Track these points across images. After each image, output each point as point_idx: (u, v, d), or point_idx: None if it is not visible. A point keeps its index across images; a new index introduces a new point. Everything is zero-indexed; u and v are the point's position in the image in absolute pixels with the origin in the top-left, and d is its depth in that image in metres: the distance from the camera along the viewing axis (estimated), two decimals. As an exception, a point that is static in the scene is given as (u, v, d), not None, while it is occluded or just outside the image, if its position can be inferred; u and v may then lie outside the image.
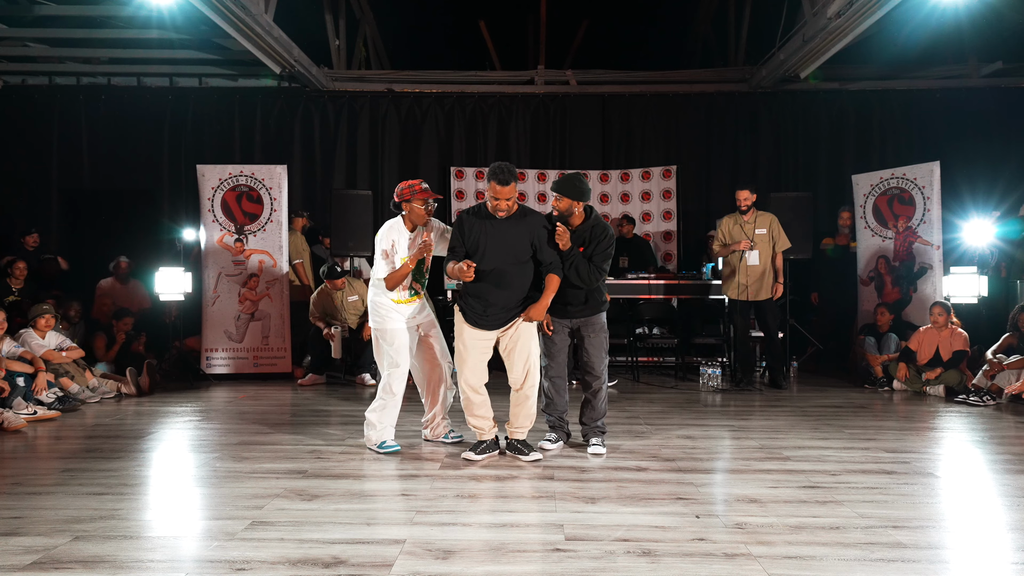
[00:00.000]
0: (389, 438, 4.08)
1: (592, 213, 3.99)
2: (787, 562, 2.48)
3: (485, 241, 3.72)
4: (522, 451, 3.88)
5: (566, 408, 4.21)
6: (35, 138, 8.81)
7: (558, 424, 4.22)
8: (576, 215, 3.91)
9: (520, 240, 3.74)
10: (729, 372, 6.73)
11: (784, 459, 3.89)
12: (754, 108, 8.93)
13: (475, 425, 3.93)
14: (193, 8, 6.35)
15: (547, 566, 2.44)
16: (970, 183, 8.31)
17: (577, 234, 3.92)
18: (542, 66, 9.11)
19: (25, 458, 4.00)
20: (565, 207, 3.87)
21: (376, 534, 2.74)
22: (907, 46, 8.15)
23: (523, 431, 3.96)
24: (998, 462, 3.90)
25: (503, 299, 3.77)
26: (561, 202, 3.87)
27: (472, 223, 3.77)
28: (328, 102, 8.99)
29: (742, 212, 6.39)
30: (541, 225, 3.80)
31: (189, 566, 2.45)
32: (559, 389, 4.16)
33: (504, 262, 3.73)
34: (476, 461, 3.81)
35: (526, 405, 3.90)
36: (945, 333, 6.19)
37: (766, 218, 6.40)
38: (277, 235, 7.18)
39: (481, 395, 3.87)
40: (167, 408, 5.49)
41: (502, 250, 3.72)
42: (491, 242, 3.72)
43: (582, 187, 3.87)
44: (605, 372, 4.10)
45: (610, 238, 3.94)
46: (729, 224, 6.50)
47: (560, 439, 4.21)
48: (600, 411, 4.10)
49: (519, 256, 3.76)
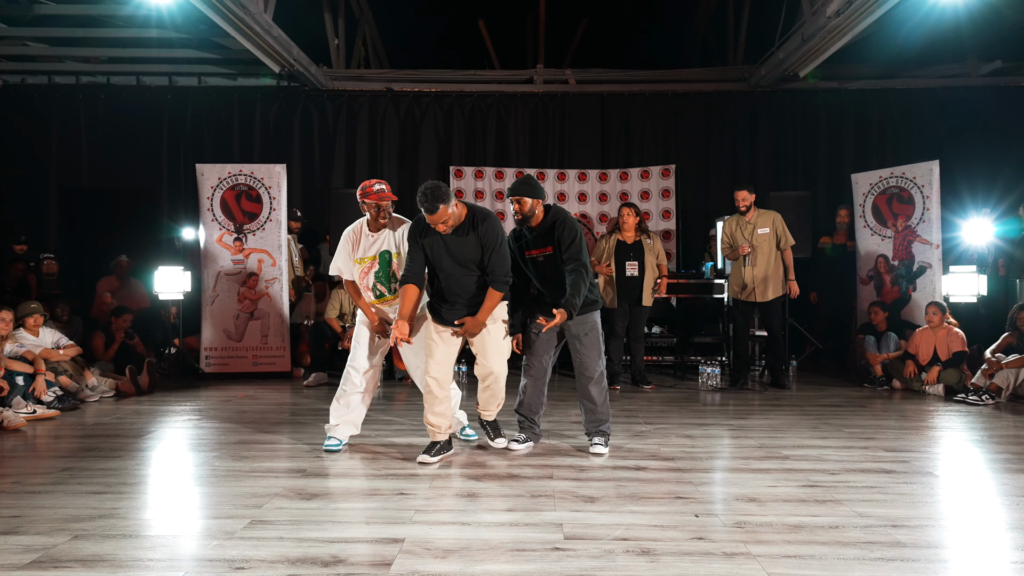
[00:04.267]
0: (338, 436, 4.04)
1: (550, 210, 3.94)
2: (786, 561, 2.48)
3: (439, 255, 3.69)
4: (490, 434, 3.99)
5: (540, 409, 4.15)
6: (34, 137, 8.81)
7: (528, 424, 4.14)
8: (537, 215, 3.89)
9: (470, 251, 3.66)
10: (729, 371, 6.73)
11: (783, 458, 3.89)
12: (753, 107, 8.93)
13: (432, 423, 3.82)
14: (192, 7, 6.34)
15: (546, 565, 2.44)
16: (969, 182, 8.33)
17: (540, 234, 3.89)
18: (541, 65, 9.11)
19: (24, 457, 4.00)
20: (527, 209, 3.86)
21: (375, 533, 2.74)
22: (906, 45, 8.15)
23: (492, 413, 4.03)
24: (997, 461, 3.90)
25: (464, 297, 3.74)
26: (523, 205, 3.85)
27: (421, 241, 3.70)
28: (327, 101, 8.99)
29: (742, 213, 6.38)
30: (492, 232, 3.64)
31: (188, 565, 2.45)
32: (537, 388, 4.08)
33: (459, 270, 3.70)
34: (431, 463, 3.72)
35: (492, 390, 3.93)
36: (941, 333, 6.20)
37: (768, 217, 6.37)
38: (276, 234, 7.18)
39: (443, 391, 3.79)
40: (166, 407, 5.49)
41: (455, 261, 3.68)
42: (443, 256, 3.68)
43: (538, 185, 3.89)
44: (601, 374, 4.00)
45: (573, 230, 3.81)
46: (732, 226, 6.45)
47: (529, 439, 4.12)
48: (602, 414, 4.01)
49: (473, 264, 3.69)
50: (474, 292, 3.72)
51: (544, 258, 3.91)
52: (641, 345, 6.53)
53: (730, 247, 6.46)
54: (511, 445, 4.06)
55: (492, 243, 3.62)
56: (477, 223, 3.62)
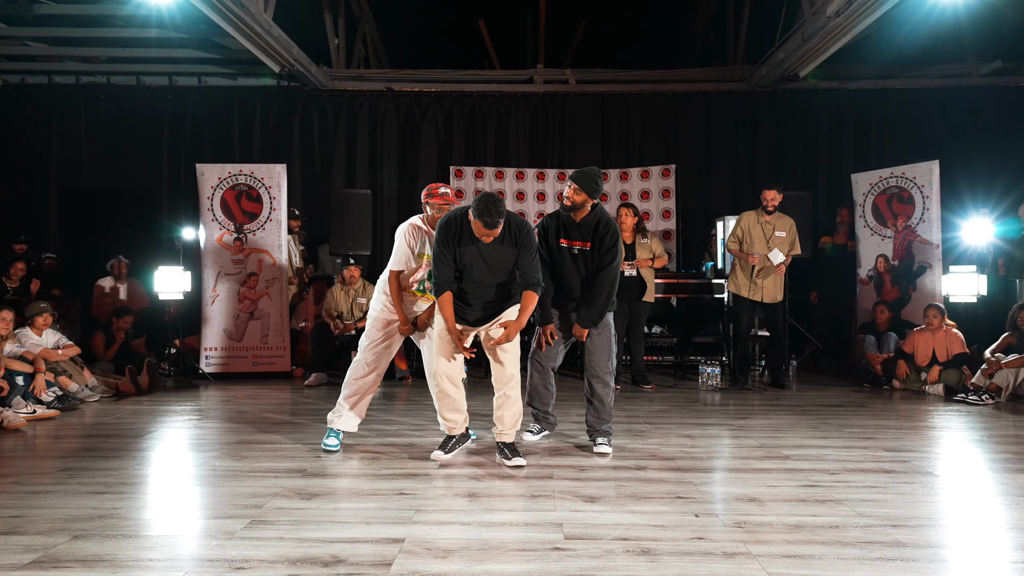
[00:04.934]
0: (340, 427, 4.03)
1: (596, 208, 3.97)
2: (786, 561, 2.48)
3: (472, 262, 3.66)
4: (507, 455, 3.74)
5: (552, 400, 4.23)
6: (34, 137, 8.80)
7: (542, 415, 4.24)
8: (585, 209, 3.92)
9: (506, 260, 3.69)
10: (729, 371, 6.73)
11: (783, 458, 3.89)
12: (753, 107, 8.93)
13: (447, 419, 3.85)
14: (192, 7, 6.34)
15: (546, 565, 2.44)
16: (969, 182, 8.32)
17: (582, 227, 3.93)
18: (541, 65, 9.11)
19: (24, 457, 3.99)
20: (580, 201, 3.87)
21: (375, 533, 2.74)
22: (906, 45, 8.15)
23: (510, 434, 3.82)
24: (997, 461, 3.90)
25: (483, 299, 3.75)
26: (579, 195, 3.86)
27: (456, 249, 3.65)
28: (327, 101, 8.98)
29: (767, 212, 6.31)
30: (530, 239, 3.69)
31: (188, 565, 2.45)
32: (545, 380, 4.15)
33: (489, 278, 3.71)
34: (447, 459, 3.76)
35: (510, 405, 3.79)
36: (940, 335, 6.20)
37: (786, 221, 6.33)
38: (276, 234, 7.17)
39: (457, 388, 3.81)
40: (166, 407, 5.49)
41: (489, 269, 3.69)
42: (477, 263, 3.66)
43: (598, 186, 3.89)
44: (608, 374, 4.03)
45: (617, 234, 3.93)
46: (750, 222, 6.31)
47: (544, 429, 4.23)
48: (607, 413, 4.05)
49: (505, 272, 3.73)
50: (494, 296, 3.76)
51: (579, 251, 3.96)
52: (641, 345, 6.52)
53: (738, 241, 6.33)
54: (524, 435, 4.14)
55: (530, 250, 3.67)
56: (515, 233, 3.65)
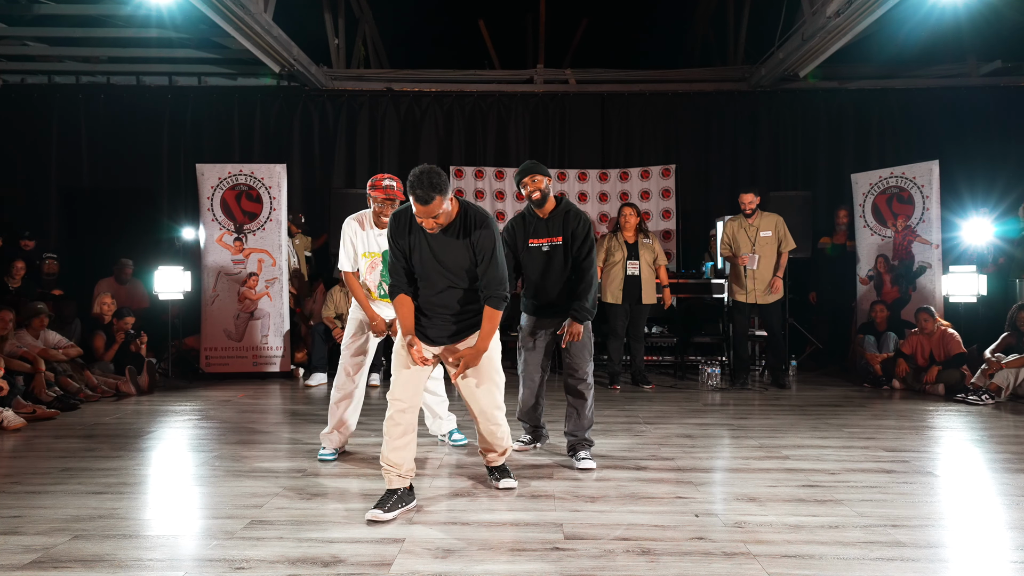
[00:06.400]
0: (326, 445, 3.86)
1: (562, 200, 3.76)
2: (786, 561, 2.48)
3: (421, 259, 3.06)
4: (497, 476, 3.38)
5: (542, 411, 4.04)
6: (34, 137, 8.81)
7: (532, 429, 4.09)
8: (550, 200, 3.71)
9: (460, 257, 3.03)
10: (729, 371, 6.73)
11: (783, 458, 3.89)
12: (753, 107, 8.93)
13: (390, 462, 2.99)
14: (192, 7, 6.34)
15: (546, 565, 2.44)
16: (969, 182, 8.33)
17: (550, 223, 3.71)
18: (541, 65, 9.11)
19: (24, 457, 3.99)
20: (545, 187, 3.66)
21: (375, 533, 2.74)
22: (906, 45, 8.15)
23: (500, 460, 3.41)
24: (997, 461, 3.90)
25: (448, 311, 3.11)
26: (538, 183, 3.64)
27: (402, 242, 3.07)
28: (327, 101, 8.99)
29: (747, 216, 6.35)
30: (488, 237, 3.01)
31: (188, 565, 2.45)
32: (532, 391, 3.90)
33: (443, 279, 3.06)
34: (385, 521, 2.85)
35: (496, 435, 3.29)
36: (936, 336, 6.20)
37: (771, 219, 6.35)
38: (276, 234, 7.17)
39: (408, 419, 3.02)
40: (166, 407, 5.49)
41: (441, 267, 3.05)
42: (427, 259, 3.05)
43: (544, 167, 3.71)
44: (590, 375, 3.85)
45: (588, 223, 3.70)
46: (733, 228, 6.42)
47: (534, 440, 4.10)
48: (587, 420, 3.82)
49: (462, 272, 3.06)
50: (458, 307, 3.11)
51: (551, 247, 3.70)
52: (641, 345, 6.52)
53: (730, 248, 6.44)
54: (514, 445, 4.03)
55: (488, 250, 3.00)
56: (471, 225, 3.00)
